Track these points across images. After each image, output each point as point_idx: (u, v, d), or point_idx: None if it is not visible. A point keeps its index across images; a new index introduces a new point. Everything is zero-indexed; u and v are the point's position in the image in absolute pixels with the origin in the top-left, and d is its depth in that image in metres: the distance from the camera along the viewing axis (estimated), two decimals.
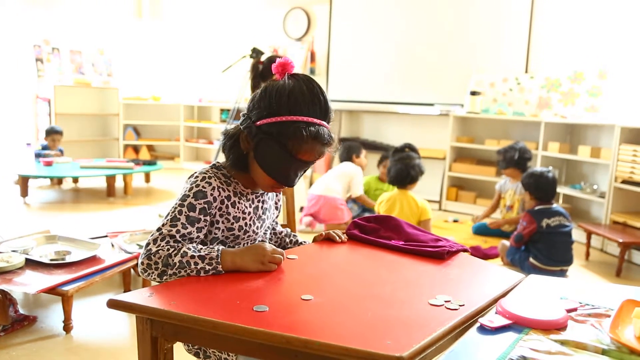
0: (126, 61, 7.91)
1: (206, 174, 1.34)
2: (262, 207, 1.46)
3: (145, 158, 7.50)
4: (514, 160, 4.47)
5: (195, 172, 1.36)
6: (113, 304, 1.06)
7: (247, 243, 1.42)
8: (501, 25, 5.79)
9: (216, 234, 1.36)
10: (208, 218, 1.31)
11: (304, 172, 1.37)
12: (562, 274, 3.53)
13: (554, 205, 3.64)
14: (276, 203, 1.59)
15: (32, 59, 6.84)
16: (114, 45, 7.75)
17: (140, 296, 1.08)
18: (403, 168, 3.76)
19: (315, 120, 1.28)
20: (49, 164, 5.50)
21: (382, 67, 6.59)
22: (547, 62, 5.51)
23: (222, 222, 1.35)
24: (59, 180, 6.11)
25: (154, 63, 8.06)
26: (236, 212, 1.37)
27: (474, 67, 5.88)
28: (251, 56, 4.42)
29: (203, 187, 1.31)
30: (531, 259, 3.55)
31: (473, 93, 5.68)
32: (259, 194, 1.45)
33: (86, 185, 6.25)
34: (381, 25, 6.56)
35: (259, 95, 1.32)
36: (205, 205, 1.30)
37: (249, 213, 1.41)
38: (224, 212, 1.35)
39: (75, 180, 6.27)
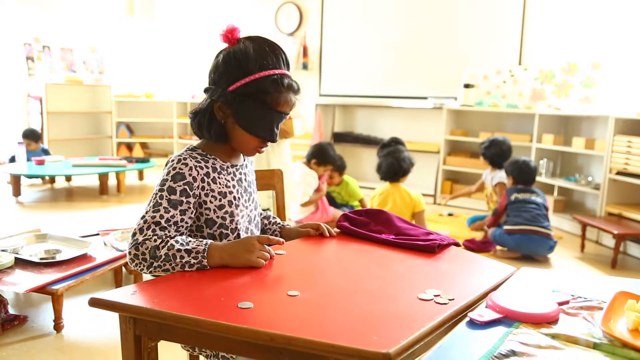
0: (118, 58, 7.85)
1: (181, 156, 1.34)
2: (245, 179, 1.46)
3: (139, 155, 7.47)
4: (490, 151, 4.47)
5: (171, 157, 1.35)
6: (94, 303, 1.03)
7: (242, 218, 1.41)
8: (494, 17, 5.76)
9: (209, 215, 1.35)
10: (191, 200, 1.30)
11: (279, 124, 1.41)
12: (538, 238, 3.71)
13: (532, 188, 3.98)
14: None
15: (22, 58, 6.78)
16: (106, 42, 7.69)
17: (123, 294, 1.05)
18: (394, 162, 3.74)
19: (284, 71, 1.33)
20: (41, 162, 5.46)
21: (375, 61, 6.56)
22: (541, 53, 5.49)
23: (210, 201, 1.34)
24: (52, 179, 6.07)
25: (146, 60, 8.00)
26: (220, 187, 1.36)
27: (467, 60, 5.86)
28: None
29: (180, 168, 1.30)
30: (505, 227, 3.82)
31: (466, 86, 5.66)
32: (238, 166, 1.44)
33: (79, 183, 6.21)
34: (374, 19, 6.53)
35: (221, 62, 1.33)
36: (186, 187, 1.29)
37: (234, 186, 1.40)
38: (207, 190, 1.34)
39: (68, 178, 6.23)
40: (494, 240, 3.93)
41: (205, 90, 1.36)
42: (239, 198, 1.40)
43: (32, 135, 5.96)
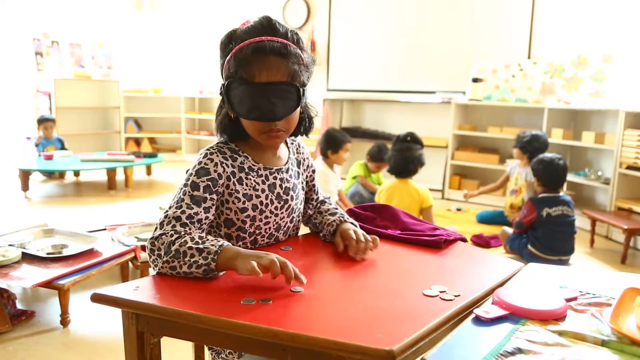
0: (126, 53, 7.86)
1: (209, 150, 1.27)
2: (281, 185, 1.34)
3: (147, 150, 7.47)
4: (532, 146, 4.32)
5: (202, 149, 1.29)
6: (97, 298, 1.03)
7: (266, 225, 1.33)
8: (503, 10, 5.71)
9: (229, 215, 1.28)
10: (215, 196, 1.23)
11: (294, 103, 1.23)
12: (561, 263, 3.45)
13: (561, 194, 3.56)
14: (308, 178, 1.49)
15: (31, 53, 6.81)
16: (114, 37, 7.70)
17: (125, 290, 1.05)
18: (401, 160, 3.69)
19: (255, 38, 1.19)
20: (49, 157, 5.48)
21: (383, 56, 6.53)
22: (550, 47, 5.43)
23: (233, 202, 1.27)
24: (61, 174, 6.10)
25: (154, 55, 8.01)
26: (246, 190, 1.28)
27: (475, 54, 5.82)
28: None
29: (205, 164, 1.24)
30: (529, 247, 3.50)
31: (475, 80, 5.61)
32: (273, 170, 1.34)
33: (87, 178, 6.24)
34: (381, 13, 6.49)
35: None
36: (210, 183, 1.22)
37: (264, 190, 1.30)
38: (232, 190, 1.26)
39: (77, 173, 6.25)
40: (510, 248, 3.66)
41: None
42: (267, 204, 1.31)
43: (48, 120, 6.09)
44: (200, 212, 1.20)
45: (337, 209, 1.49)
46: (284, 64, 1.20)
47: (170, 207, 1.20)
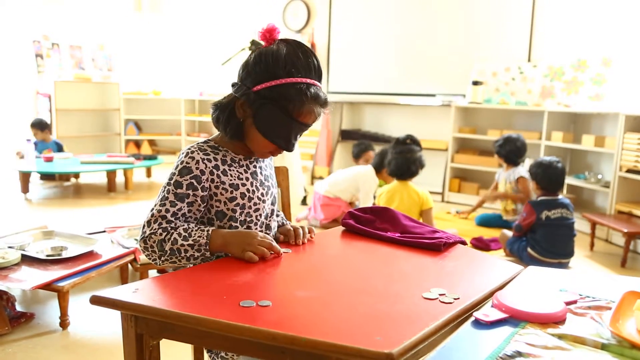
0: (126, 56, 7.87)
1: (189, 149, 1.34)
2: (261, 172, 1.44)
3: (147, 153, 7.47)
4: (505, 149, 4.36)
5: (182, 149, 1.35)
6: (96, 300, 1.03)
7: (256, 212, 1.40)
8: (503, 13, 5.72)
9: (219, 207, 1.35)
10: (199, 192, 1.30)
11: (300, 135, 1.38)
12: (561, 266, 3.45)
13: (560, 197, 3.56)
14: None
15: (31, 55, 6.81)
16: (114, 40, 7.71)
17: (124, 292, 1.05)
18: (403, 162, 3.71)
19: (313, 81, 1.29)
20: (49, 159, 5.48)
21: (383, 58, 6.53)
22: (550, 50, 5.44)
23: (221, 194, 1.34)
24: (62, 176, 6.10)
25: (154, 57, 8.01)
26: (232, 180, 1.35)
27: (475, 57, 5.82)
28: (250, 48, 4.37)
29: (187, 162, 1.31)
30: (529, 250, 3.50)
31: (475, 83, 5.62)
32: (252, 159, 1.42)
33: (87, 180, 6.23)
34: (381, 16, 6.50)
35: (252, 61, 1.31)
36: (193, 181, 1.29)
37: (247, 178, 1.38)
38: (218, 183, 1.33)
39: (76, 175, 6.25)
40: (510, 251, 3.67)
41: (232, 85, 1.34)
42: (253, 191, 1.38)
43: (38, 125, 6.01)
44: (184, 207, 1.29)
45: (279, 212, 1.62)
46: (320, 112, 1.34)
47: (155, 206, 1.29)
